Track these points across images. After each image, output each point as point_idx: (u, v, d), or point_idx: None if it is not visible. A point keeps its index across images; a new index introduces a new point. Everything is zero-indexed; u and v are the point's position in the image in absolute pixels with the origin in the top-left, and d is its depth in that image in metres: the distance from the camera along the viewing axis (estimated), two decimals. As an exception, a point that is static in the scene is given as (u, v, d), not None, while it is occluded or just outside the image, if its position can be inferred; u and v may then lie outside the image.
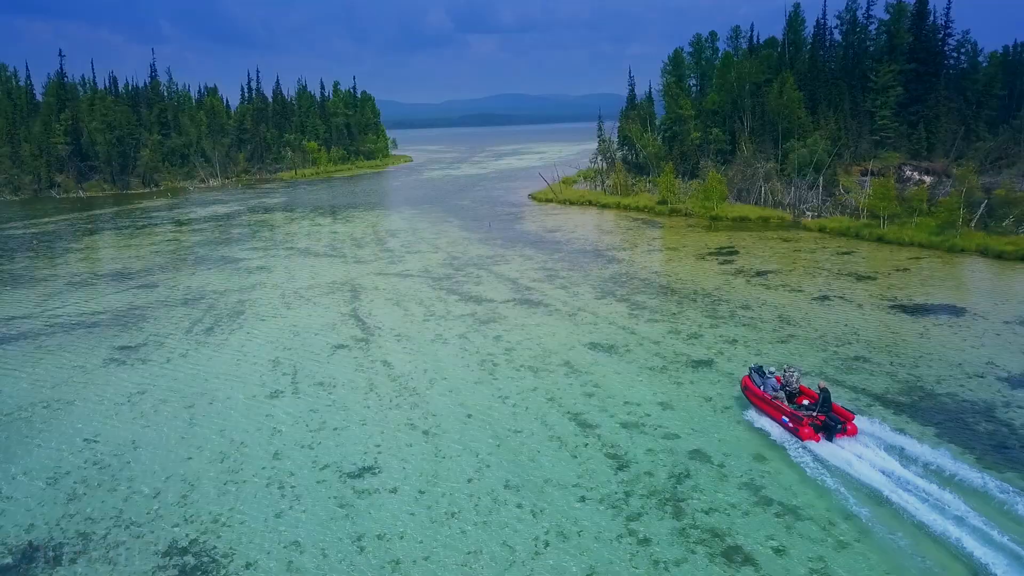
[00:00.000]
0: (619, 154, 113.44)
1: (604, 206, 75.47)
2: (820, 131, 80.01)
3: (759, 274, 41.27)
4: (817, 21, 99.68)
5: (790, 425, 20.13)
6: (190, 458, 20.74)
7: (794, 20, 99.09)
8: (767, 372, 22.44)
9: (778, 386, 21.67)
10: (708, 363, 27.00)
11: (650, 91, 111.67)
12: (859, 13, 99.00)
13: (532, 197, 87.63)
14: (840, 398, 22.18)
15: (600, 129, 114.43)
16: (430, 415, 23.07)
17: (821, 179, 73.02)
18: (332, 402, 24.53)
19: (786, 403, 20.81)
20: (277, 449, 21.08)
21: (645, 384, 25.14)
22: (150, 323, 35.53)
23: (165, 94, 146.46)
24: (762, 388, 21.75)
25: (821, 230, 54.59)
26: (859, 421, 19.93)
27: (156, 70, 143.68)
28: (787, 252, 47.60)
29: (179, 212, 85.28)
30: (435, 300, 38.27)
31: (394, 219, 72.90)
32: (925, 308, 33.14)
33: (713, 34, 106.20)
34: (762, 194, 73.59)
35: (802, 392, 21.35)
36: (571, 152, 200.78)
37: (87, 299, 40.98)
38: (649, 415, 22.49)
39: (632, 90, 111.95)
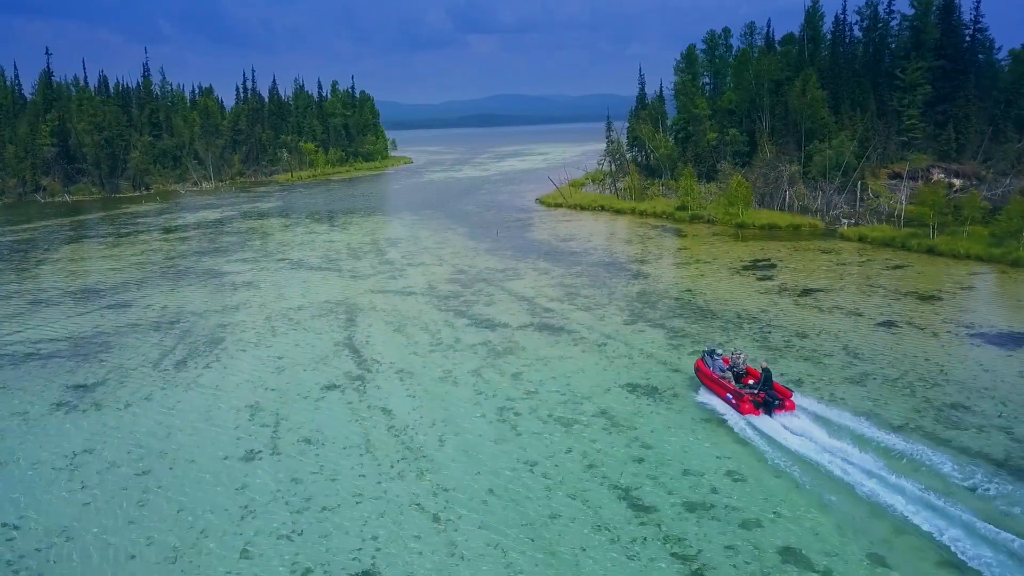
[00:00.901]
0: (628, 155, 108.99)
1: (618, 212, 70.83)
2: (846, 132, 75.43)
3: (806, 293, 36.61)
4: (836, 17, 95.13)
5: (733, 401, 22.10)
6: (133, 556, 16.08)
7: (813, 15, 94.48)
8: (716, 354, 24.40)
9: (725, 367, 23.63)
10: (775, 413, 22.33)
11: (661, 90, 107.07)
12: (880, 8, 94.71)
13: (540, 201, 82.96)
14: (947, 469, 17.61)
15: (608, 130, 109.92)
16: (441, 490, 18.40)
17: (852, 184, 68.45)
18: (320, 467, 19.87)
19: (733, 383, 22.65)
20: (247, 542, 16.42)
21: (705, 443, 20.50)
22: (114, 353, 30.86)
23: (158, 94, 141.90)
24: (711, 369, 23.76)
25: (861, 240, 49.93)
26: (796, 398, 21.92)
27: (149, 69, 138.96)
28: (831, 266, 42.95)
29: (167, 218, 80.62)
30: (442, 325, 33.60)
31: (394, 226, 68.25)
32: (1013, 337, 28.48)
33: (727, 30, 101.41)
34: (786, 199, 69.00)
35: (748, 373, 23.37)
36: (575, 153, 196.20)
37: (49, 322, 36.31)
38: (717, 490, 17.84)
39: (642, 89, 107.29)
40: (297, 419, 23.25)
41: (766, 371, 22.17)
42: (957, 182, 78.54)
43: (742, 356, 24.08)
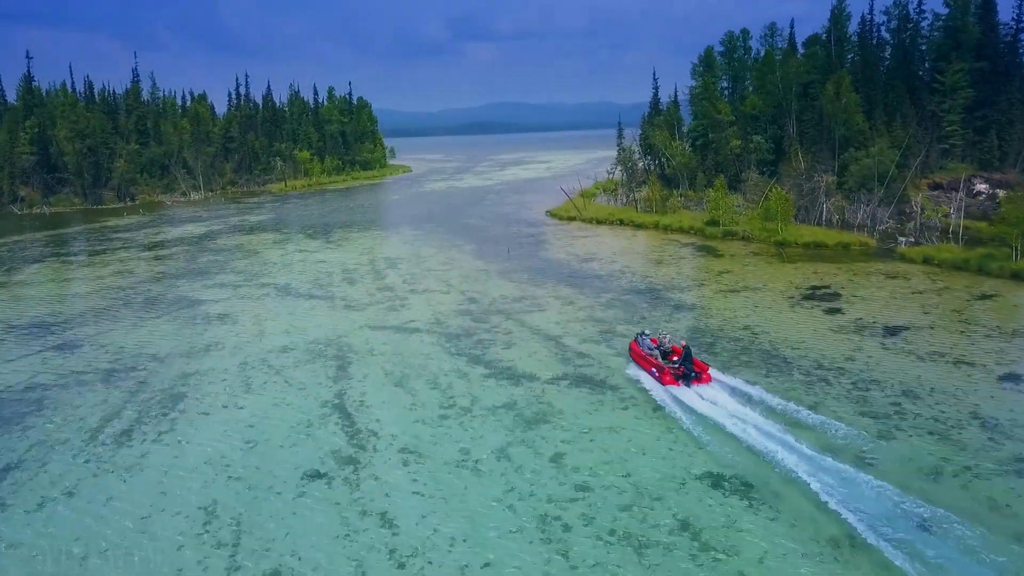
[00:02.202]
0: (640, 164, 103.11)
1: (639, 226, 64.68)
2: (884, 139, 69.49)
3: (892, 332, 30.42)
4: (863, 17, 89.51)
5: (656, 374, 24.66)
6: None
7: (839, 15, 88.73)
8: (646, 335, 27.28)
9: (653, 346, 26.12)
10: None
11: (675, 96, 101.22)
12: (910, 8, 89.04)
13: (551, 214, 76.81)
14: None
15: (619, 137, 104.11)
16: None
17: (896, 196, 62.52)
18: (290, 629, 13.57)
19: (659, 359, 25.12)
20: None
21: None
22: (44, 417, 24.56)
23: (148, 100, 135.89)
24: (642, 348, 26.32)
25: (927, 262, 43.77)
26: (712, 372, 24.58)
27: (139, 75, 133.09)
28: (905, 296, 36.78)
29: (148, 232, 74.36)
30: (453, 376, 27.34)
31: (394, 243, 62.03)
32: None
33: (745, 32, 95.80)
34: (823, 213, 62.95)
35: (673, 351, 25.50)
36: (579, 161, 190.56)
37: (-22, 369, 30.00)
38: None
39: (656, 94, 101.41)
40: (265, 533, 16.97)
41: (686, 348, 25.04)
42: (1001, 193, 72.65)
43: (667, 337, 26.98)
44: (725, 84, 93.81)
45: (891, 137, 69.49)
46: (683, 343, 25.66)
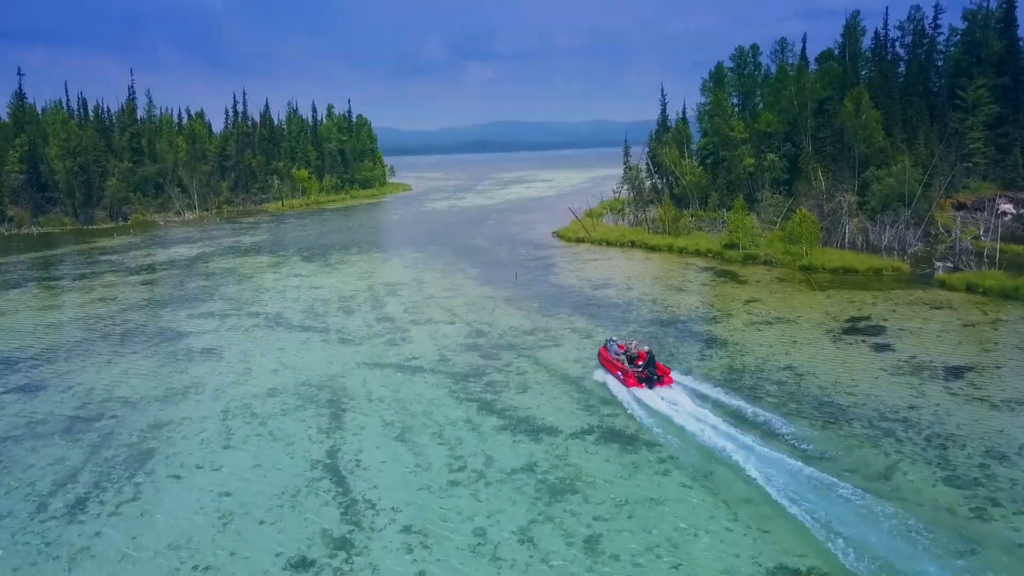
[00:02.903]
0: (648, 183, 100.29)
1: (652, 248, 61.47)
2: (905, 157, 66.62)
3: (954, 374, 27.05)
4: (876, 32, 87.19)
5: (621, 377, 26.43)
6: None
7: (852, 30, 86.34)
8: (614, 341, 29.27)
9: (620, 352, 27.81)
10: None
11: (683, 113, 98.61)
12: (925, 23, 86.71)
13: (558, 235, 73.68)
14: None
15: (626, 155, 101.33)
16: None
17: (922, 216, 59.50)
18: None
19: (626, 363, 26.62)
20: None
21: None
22: (-12, 482, 21.09)
23: (145, 118, 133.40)
24: (610, 353, 28.15)
25: (970, 290, 40.48)
26: (674, 375, 26.34)
27: (135, 92, 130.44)
28: (957, 329, 33.46)
29: (137, 254, 71.11)
30: (463, 429, 23.91)
31: (394, 266, 58.75)
32: None
33: (755, 47, 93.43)
34: (846, 234, 59.80)
35: (639, 356, 26.79)
36: (581, 179, 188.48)
37: (-75, 417, 26.53)
38: None
39: (663, 110, 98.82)
40: (233, 653, 13.45)
41: (650, 353, 26.36)
42: (1025, 212, 69.83)
43: (634, 343, 28.18)
44: (735, 101, 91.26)
45: (913, 155, 66.63)
46: (647, 348, 27.06)
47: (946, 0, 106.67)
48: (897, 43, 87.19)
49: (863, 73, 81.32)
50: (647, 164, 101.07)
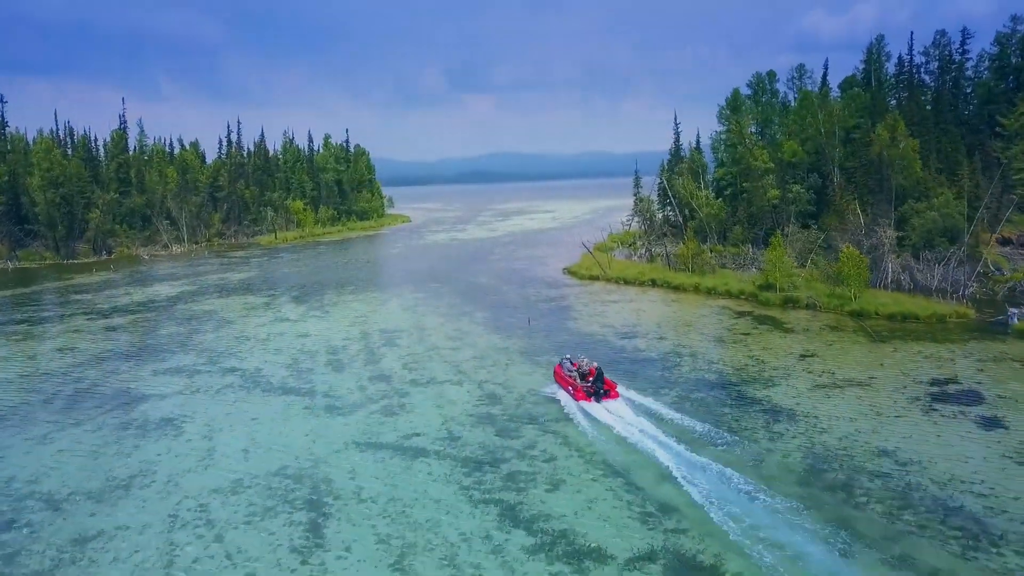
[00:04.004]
0: (660, 214, 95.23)
1: (676, 288, 55.87)
2: (945, 188, 61.62)
3: (1104, 466, 21.24)
4: (900, 58, 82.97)
5: (572, 392, 28.56)
6: None
7: (876, 56, 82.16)
8: (567, 358, 31.39)
9: (573, 369, 29.95)
10: None
11: (697, 141, 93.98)
12: (952, 48, 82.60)
13: (569, 272, 68.17)
14: None
15: (636, 186, 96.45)
16: None
17: (971, 253, 54.15)
18: None
19: (577, 379, 28.92)
20: None
21: None
22: None
23: (136, 148, 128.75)
24: (563, 369, 30.32)
25: (1061, 342, 34.82)
26: (620, 389, 28.46)
27: (126, 121, 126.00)
28: (1072, 396, 27.72)
29: (113, 293, 65.36)
30: (480, 550, 18.01)
31: (391, 309, 53.05)
32: None
33: (771, 74, 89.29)
34: (888, 274, 54.35)
35: (590, 372, 28.75)
36: (584, 211, 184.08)
37: None
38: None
39: (677, 138, 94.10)
40: None
41: (599, 369, 28.50)
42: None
43: (585, 360, 30.50)
44: (753, 129, 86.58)
45: (956, 186, 61.58)
46: (595, 365, 28.97)
47: (972, 24, 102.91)
48: (922, 69, 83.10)
49: (893, 101, 76.76)
50: (659, 194, 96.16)
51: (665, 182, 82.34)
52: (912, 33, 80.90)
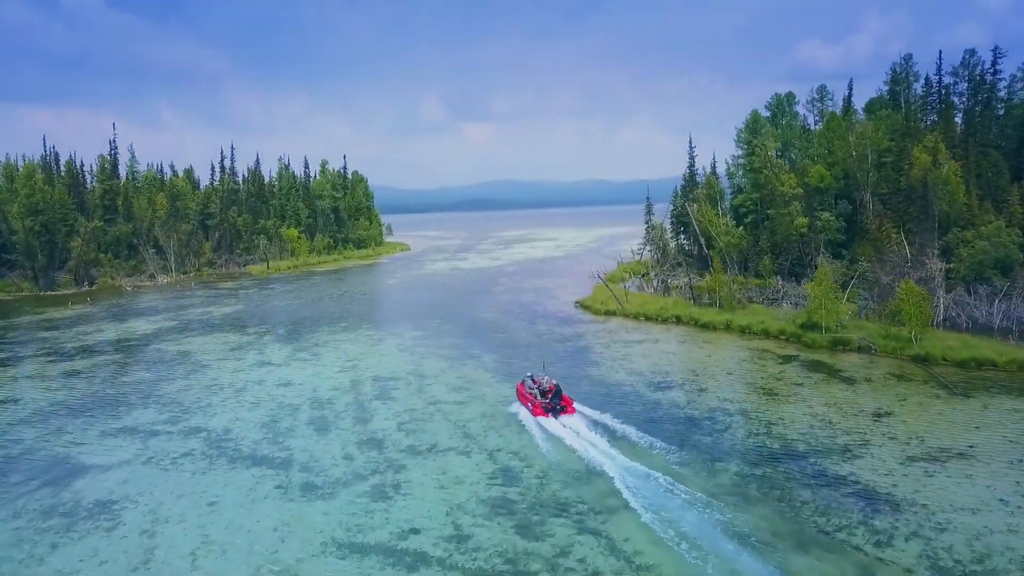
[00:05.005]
0: (674, 243, 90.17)
1: (705, 326, 50.23)
2: (992, 215, 56.50)
3: None
4: (927, 79, 78.33)
5: (531, 407, 30.18)
6: None
7: (904, 77, 77.64)
8: (529, 376, 32.93)
9: (534, 385, 31.46)
10: None
11: (713, 166, 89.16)
12: (982, 67, 78.01)
13: (582, 306, 62.61)
14: None
15: (648, 213, 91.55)
16: None
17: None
18: None
19: (538, 396, 30.40)
20: None
21: None
22: None
23: (128, 175, 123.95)
24: (526, 386, 31.90)
25: None
26: (576, 405, 30.35)
27: (116, 146, 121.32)
28: None
29: (84, 330, 59.65)
30: None
31: (387, 350, 47.37)
32: None
33: (790, 95, 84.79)
34: (941, 310, 48.86)
35: (550, 388, 30.31)
36: (588, 239, 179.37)
37: None
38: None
39: (692, 162, 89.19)
40: None
41: (557, 387, 30.36)
42: None
43: (546, 378, 31.57)
44: (774, 153, 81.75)
45: (1004, 214, 56.43)
46: (555, 383, 30.67)
47: (1003, 42, 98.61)
48: (950, 89, 78.50)
49: (924, 123, 71.95)
50: (673, 221, 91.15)
51: (689, 209, 76.89)
52: (940, 52, 76.26)
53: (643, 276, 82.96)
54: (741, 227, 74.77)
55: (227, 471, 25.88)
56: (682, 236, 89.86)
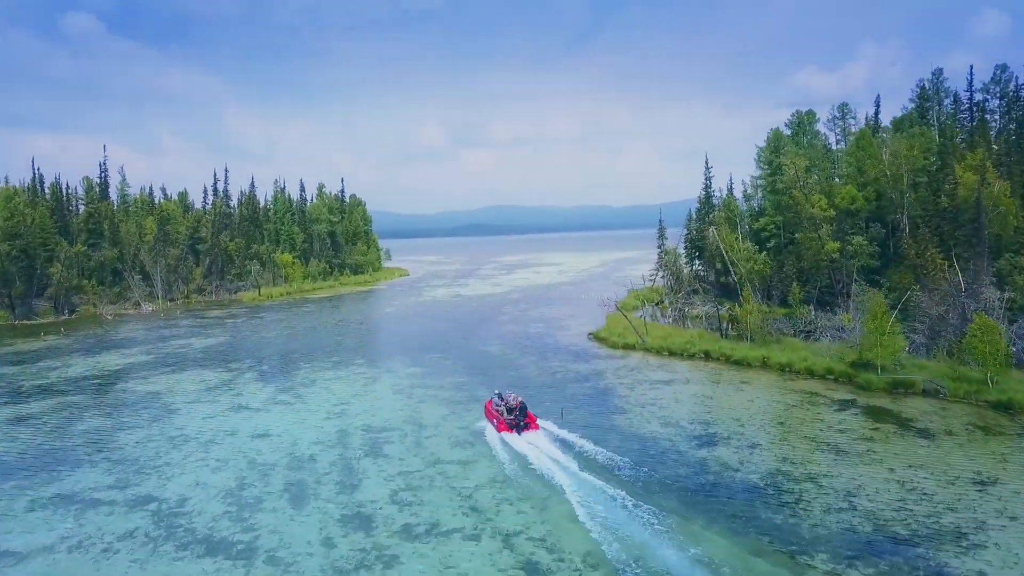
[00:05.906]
0: (688, 269, 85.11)
1: (738, 363, 44.83)
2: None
3: None
4: (955, 96, 73.95)
5: (495, 423, 30.88)
6: None
7: (936, 93, 73.27)
8: (497, 393, 33.15)
9: (500, 402, 31.83)
10: None
11: (730, 186, 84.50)
12: (1015, 83, 73.69)
13: (597, 338, 57.25)
14: None
15: (661, 238, 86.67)
16: None
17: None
18: None
19: (504, 412, 30.98)
20: None
21: None
22: None
23: (118, 198, 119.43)
24: (493, 405, 32.27)
25: None
26: (540, 421, 31.23)
27: (106, 168, 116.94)
28: None
29: (47, 365, 54.17)
30: None
31: (381, 392, 41.90)
32: None
33: (811, 113, 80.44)
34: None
35: (515, 405, 30.99)
36: (593, 263, 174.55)
37: None
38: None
39: (708, 183, 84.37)
40: None
41: (522, 403, 31.15)
42: None
43: (512, 395, 32.30)
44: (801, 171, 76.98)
45: (1061, 237, 51.46)
46: (520, 400, 31.51)
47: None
48: (982, 106, 74.11)
49: (961, 142, 67.34)
50: (687, 246, 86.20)
51: (712, 233, 71.78)
52: (972, 67, 71.87)
53: (657, 304, 77.75)
54: (764, 252, 69.71)
55: (171, 562, 20.34)
56: (697, 262, 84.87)
